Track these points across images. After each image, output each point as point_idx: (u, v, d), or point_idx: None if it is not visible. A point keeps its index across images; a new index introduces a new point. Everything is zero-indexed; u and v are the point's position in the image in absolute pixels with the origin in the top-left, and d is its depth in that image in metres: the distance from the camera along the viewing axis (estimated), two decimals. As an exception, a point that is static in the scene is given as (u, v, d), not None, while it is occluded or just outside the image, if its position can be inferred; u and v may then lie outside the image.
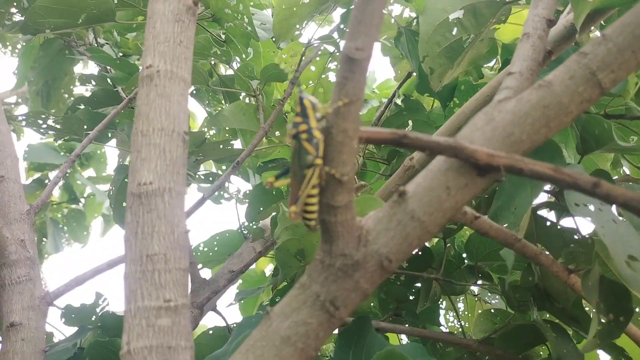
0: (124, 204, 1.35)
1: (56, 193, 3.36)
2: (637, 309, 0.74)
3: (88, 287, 1.47)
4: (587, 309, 0.93)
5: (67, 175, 3.44)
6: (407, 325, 1.06)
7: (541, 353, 1.03)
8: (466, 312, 1.62)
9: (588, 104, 0.46)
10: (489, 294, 1.35)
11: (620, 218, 0.72)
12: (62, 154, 3.50)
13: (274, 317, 0.45)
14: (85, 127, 1.23)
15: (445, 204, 0.46)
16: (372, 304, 1.19)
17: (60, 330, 1.43)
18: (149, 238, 0.47)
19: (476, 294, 1.55)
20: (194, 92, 1.76)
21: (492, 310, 1.45)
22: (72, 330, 1.29)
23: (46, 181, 3.37)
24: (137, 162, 0.49)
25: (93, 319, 1.31)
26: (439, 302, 1.55)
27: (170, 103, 0.51)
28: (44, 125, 1.18)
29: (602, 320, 0.66)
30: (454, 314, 1.41)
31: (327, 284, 0.45)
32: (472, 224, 0.63)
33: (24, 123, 1.19)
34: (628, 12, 0.45)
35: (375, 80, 2.44)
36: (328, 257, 0.45)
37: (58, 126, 1.18)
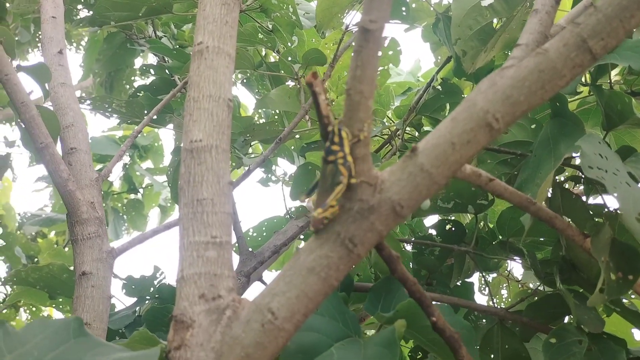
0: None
1: (117, 184, 3.58)
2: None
3: (148, 260, 1.60)
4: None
5: (127, 166, 3.67)
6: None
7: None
8: (509, 299, 1.66)
9: (580, 69, 0.51)
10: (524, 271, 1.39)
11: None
12: (122, 146, 3.68)
13: (302, 252, 0.53)
14: (145, 111, 1.35)
15: (451, 158, 0.53)
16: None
17: (121, 300, 1.57)
18: (199, 186, 0.56)
19: (520, 280, 1.58)
20: (244, 81, 1.87)
21: (529, 290, 1.48)
22: (132, 300, 1.42)
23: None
24: (190, 123, 0.58)
25: (151, 290, 1.43)
26: (482, 287, 1.59)
27: (217, 74, 0.60)
28: (109, 109, 1.30)
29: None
30: (487, 289, 1.45)
31: (347, 224, 0.53)
32: (487, 186, 0.68)
33: (91, 107, 1.32)
34: (618, -14, 0.51)
35: (420, 69, 2.48)
36: (348, 202, 0.53)
37: (122, 110, 1.31)
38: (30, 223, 3.28)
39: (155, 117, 1.45)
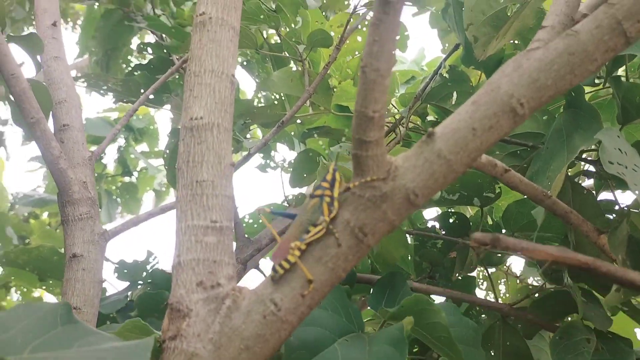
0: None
1: (111, 166, 3.55)
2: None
3: (141, 246, 1.57)
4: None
5: (122, 149, 3.63)
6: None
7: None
8: (507, 295, 1.64)
9: (613, 53, 0.48)
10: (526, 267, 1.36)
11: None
12: (117, 125, 3.65)
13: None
14: (142, 90, 1.31)
15: (471, 145, 0.49)
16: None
17: (113, 284, 1.54)
18: (199, 166, 0.52)
19: (519, 276, 1.56)
20: (245, 63, 1.83)
21: (530, 287, 1.46)
22: (124, 285, 1.39)
23: (101, 154, 3.55)
24: (190, 99, 0.54)
25: (144, 275, 1.40)
26: (480, 282, 1.56)
27: (220, 47, 0.56)
28: (104, 87, 1.26)
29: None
30: (489, 284, 1.43)
31: (357, 212, 0.49)
32: (502, 177, 0.65)
33: (85, 85, 1.27)
34: (658, -37, 0.47)
35: (424, 58, 2.44)
36: (359, 189, 0.50)
37: (118, 88, 1.26)
38: (23, 203, 3.23)
39: (152, 96, 1.41)
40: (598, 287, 0.94)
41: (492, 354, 1.08)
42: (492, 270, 1.55)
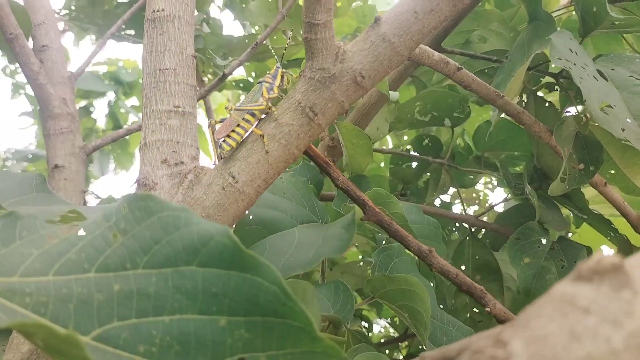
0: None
1: (101, 122, 3.56)
2: (612, 171, 0.80)
3: (129, 182, 1.61)
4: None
5: (112, 103, 3.64)
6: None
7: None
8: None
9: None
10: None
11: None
12: (106, 82, 3.68)
13: (262, 121, 0.54)
14: (124, 26, 1.32)
15: (414, 27, 0.53)
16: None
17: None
18: (161, 55, 0.56)
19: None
20: (228, 2, 1.83)
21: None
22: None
23: (91, 109, 3.58)
24: (152, -6, 0.57)
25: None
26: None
27: (181, -56, 0.58)
28: (86, 20, 1.28)
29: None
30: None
31: (308, 93, 0.53)
32: (454, 75, 0.69)
33: (67, 18, 1.29)
34: None
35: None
36: (310, 71, 0.53)
37: (99, 21, 1.28)
38: (17, 159, 3.26)
39: (133, 32, 1.43)
40: (558, 197, 0.99)
41: (463, 268, 1.14)
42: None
